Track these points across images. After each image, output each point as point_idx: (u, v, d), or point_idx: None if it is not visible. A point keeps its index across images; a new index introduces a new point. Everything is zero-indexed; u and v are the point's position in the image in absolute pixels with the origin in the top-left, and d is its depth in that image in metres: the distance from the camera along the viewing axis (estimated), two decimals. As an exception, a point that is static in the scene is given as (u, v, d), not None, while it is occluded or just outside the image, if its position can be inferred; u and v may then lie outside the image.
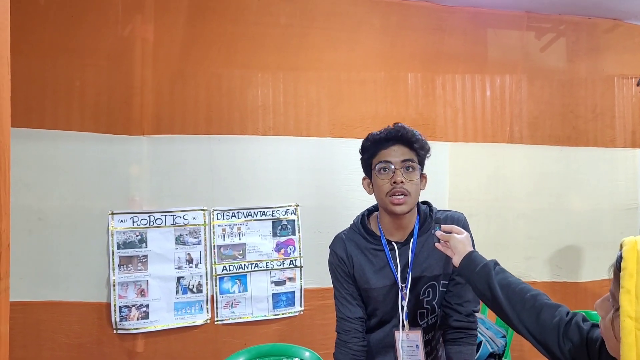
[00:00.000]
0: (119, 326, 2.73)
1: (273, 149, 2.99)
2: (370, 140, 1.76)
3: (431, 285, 1.76)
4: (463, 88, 3.34)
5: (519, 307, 1.31)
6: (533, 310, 1.28)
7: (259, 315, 2.95)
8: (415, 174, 1.70)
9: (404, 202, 1.66)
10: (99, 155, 2.75)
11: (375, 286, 1.75)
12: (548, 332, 1.24)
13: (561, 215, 3.48)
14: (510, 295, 1.34)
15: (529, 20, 3.43)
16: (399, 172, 1.67)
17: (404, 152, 1.70)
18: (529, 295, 1.32)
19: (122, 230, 2.75)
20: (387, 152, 1.71)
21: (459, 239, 1.55)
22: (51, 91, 2.70)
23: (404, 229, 1.76)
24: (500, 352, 2.91)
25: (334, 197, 3.07)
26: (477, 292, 1.45)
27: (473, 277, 1.45)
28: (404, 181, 1.66)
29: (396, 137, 1.71)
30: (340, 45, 3.09)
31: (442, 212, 1.80)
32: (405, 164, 1.69)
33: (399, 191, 1.66)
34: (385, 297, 1.76)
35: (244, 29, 2.93)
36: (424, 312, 1.77)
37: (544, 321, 1.26)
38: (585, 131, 3.55)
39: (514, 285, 1.36)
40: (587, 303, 3.45)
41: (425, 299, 1.77)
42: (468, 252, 1.51)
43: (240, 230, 2.93)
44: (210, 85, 2.91)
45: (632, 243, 0.99)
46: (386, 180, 1.69)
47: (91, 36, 2.74)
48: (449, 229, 1.59)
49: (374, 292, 1.76)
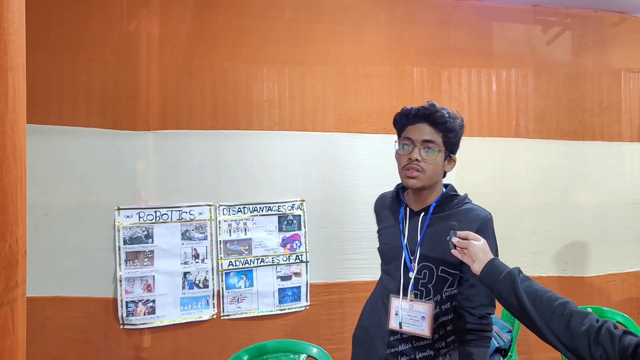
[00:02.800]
0: (125, 321, 2.73)
1: (279, 144, 2.99)
2: (400, 114, 1.83)
3: (428, 267, 1.75)
4: (469, 82, 3.33)
5: (547, 315, 1.30)
6: (562, 318, 1.28)
7: (265, 310, 2.95)
8: (433, 154, 1.74)
9: (416, 177, 1.73)
10: (105, 151, 2.75)
11: (385, 242, 1.90)
12: (579, 339, 1.23)
13: (567, 209, 3.47)
14: (537, 303, 1.33)
15: (535, 14, 3.41)
16: (417, 150, 1.73)
17: (427, 132, 1.75)
18: (557, 303, 1.31)
19: (128, 226, 2.75)
20: (412, 128, 1.77)
21: (478, 246, 1.52)
22: (57, 86, 2.70)
23: (422, 202, 1.82)
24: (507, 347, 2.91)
25: (339, 192, 3.07)
26: (502, 301, 1.43)
27: (497, 285, 1.43)
28: (420, 159, 1.72)
29: (423, 115, 1.76)
30: (346, 40, 3.08)
31: (470, 204, 1.82)
32: (426, 144, 1.73)
33: (413, 167, 1.72)
34: (391, 256, 1.85)
35: (249, 24, 2.92)
36: (417, 294, 1.76)
37: (574, 328, 1.25)
38: (591, 125, 3.53)
39: (541, 293, 1.35)
40: (593, 298, 3.45)
41: (421, 281, 1.76)
42: (489, 259, 1.49)
43: (246, 226, 2.92)
44: (216, 80, 2.90)
45: None
46: (405, 155, 1.76)
47: (97, 31, 2.73)
48: (465, 235, 1.57)
49: (382, 246, 1.92)
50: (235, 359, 2.37)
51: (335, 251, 3.06)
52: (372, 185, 3.03)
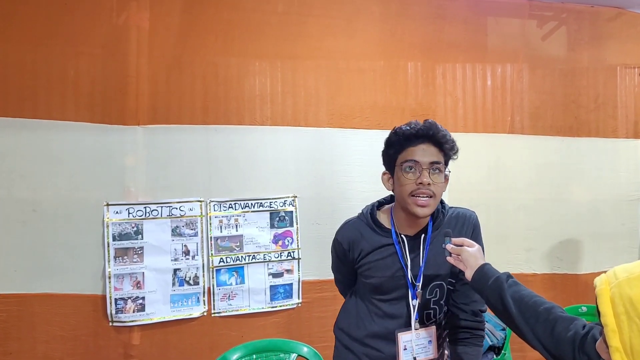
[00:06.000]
0: (114, 319, 2.70)
1: (271, 139, 2.95)
2: (399, 135, 1.66)
3: (439, 285, 1.73)
4: (463, 77, 3.30)
5: (532, 320, 1.28)
6: (547, 324, 1.25)
7: (257, 307, 2.92)
8: (441, 176, 1.63)
9: (427, 205, 1.60)
10: (93, 146, 2.72)
11: (381, 275, 1.71)
12: (563, 346, 1.21)
13: (562, 206, 3.45)
14: (523, 309, 1.31)
15: (530, 9, 3.38)
16: (426, 173, 1.59)
17: (432, 153, 1.62)
18: (543, 308, 1.29)
19: (117, 222, 2.71)
20: (416, 150, 1.62)
21: (471, 252, 1.51)
22: (45, 80, 2.66)
23: (418, 225, 1.71)
24: (500, 345, 2.90)
25: (332, 189, 3.04)
26: (490, 306, 1.42)
27: (485, 291, 1.42)
28: (431, 183, 1.59)
29: (427, 136, 1.62)
30: (339, 34, 3.04)
31: (454, 209, 1.77)
32: (434, 166, 1.61)
33: (425, 192, 1.59)
34: (390, 287, 1.71)
35: (241, 17, 2.89)
36: (430, 313, 1.74)
37: (558, 334, 1.23)
38: (587, 121, 3.51)
39: (527, 298, 1.33)
40: (587, 295, 3.42)
41: (433, 299, 1.73)
42: (480, 265, 1.48)
43: (237, 222, 2.89)
44: (207, 74, 2.86)
45: (605, 292, 0.95)
46: (412, 180, 1.61)
47: (85, 24, 2.70)
48: (460, 242, 1.55)
49: (377, 280, 1.73)
50: (224, 357, 2.34)
51: (328, 248, 2.98)
52: (365, 181, 3.00)
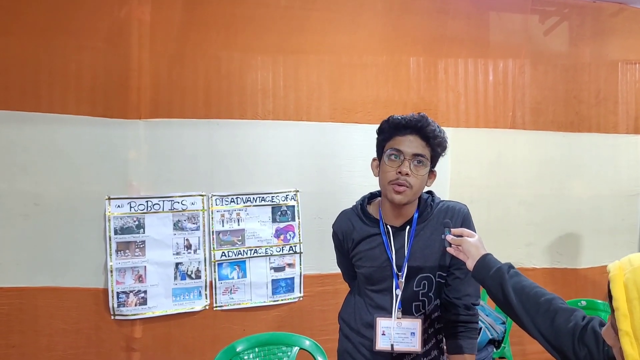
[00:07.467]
0: (116, 312, 2.71)
1: (273, 133, 2.95)
2: (389, 123, 1.70)
3: (427, 277, 1.73)
4: (466, 72, 3.29)
5: (532, 311, 1.29)
6: (547, 315, 1.26)
7: (258, 301, 2.93)
8: (423, 169, 1.66)
9: (403, 192, 1.63)
10: (95, 139, 2.71)
11: (370, 265, 1.77)
12: (563, 337, 1.21)
13: (563, 201, 3.46)
14: (524, 299, 1.32)
15: (533, 4, 3.37)
16: (407, 164, 1.63)
17: (418, 145, 1.65)
18: (544, 299, 1.29)
19: (119, 216, 2.71)
20: (402, 139, 1.66)
21: (472, 242, 1.51)
22: (46, 74, 2.65)
23: (403, 216, 1.74)
24: (500, 339, 2.91)
25: (334, 183, 3.04)
26: (492, 296, 1.42)
27: (487, 281, 1.42)
28: (410, 174, 1.62)
29: (415, 127, 1.65)
30: (342, 28, 3.03)
31: (444, 202, 1.77)
32: (417, 158, 1.65)
33: (402, 183, 1.63)
34: (379, 278, 1.75)
35: (243, 11, 2.87)
36: (419, 305, 1.74)
37: (558, 325, 1.23)
38: (588, 117, 3.51)
39: (528, 289, 1.33)
40: (587, 290, 3.44)
41: (421, 292, 1.74)
42: (482, 255, 1.48)
43: (239, 216, 2.89)
44: (209, 68, 2.85)
45: (618, 277, 0.95)
46: (393, 168, 1.65)
47: (87, 17, 2.68)
48: (459, 232, 1.56)
49: (367, 270, 1.78)
50: (227, 351, 2.35)
51: (329, 242, 3.00)
52: (367, 176, 2.97)
